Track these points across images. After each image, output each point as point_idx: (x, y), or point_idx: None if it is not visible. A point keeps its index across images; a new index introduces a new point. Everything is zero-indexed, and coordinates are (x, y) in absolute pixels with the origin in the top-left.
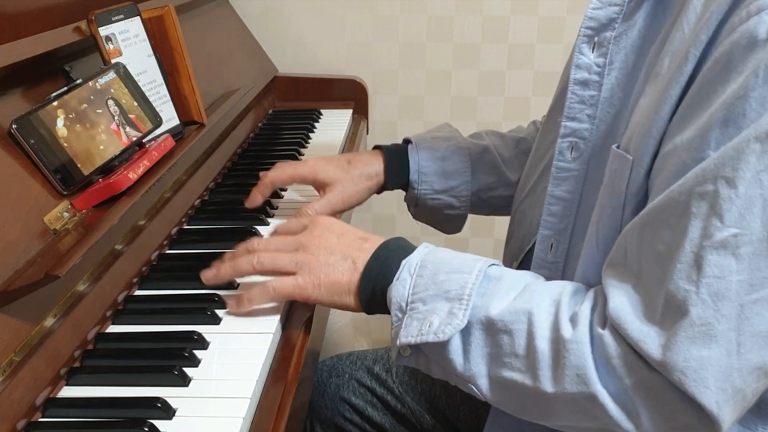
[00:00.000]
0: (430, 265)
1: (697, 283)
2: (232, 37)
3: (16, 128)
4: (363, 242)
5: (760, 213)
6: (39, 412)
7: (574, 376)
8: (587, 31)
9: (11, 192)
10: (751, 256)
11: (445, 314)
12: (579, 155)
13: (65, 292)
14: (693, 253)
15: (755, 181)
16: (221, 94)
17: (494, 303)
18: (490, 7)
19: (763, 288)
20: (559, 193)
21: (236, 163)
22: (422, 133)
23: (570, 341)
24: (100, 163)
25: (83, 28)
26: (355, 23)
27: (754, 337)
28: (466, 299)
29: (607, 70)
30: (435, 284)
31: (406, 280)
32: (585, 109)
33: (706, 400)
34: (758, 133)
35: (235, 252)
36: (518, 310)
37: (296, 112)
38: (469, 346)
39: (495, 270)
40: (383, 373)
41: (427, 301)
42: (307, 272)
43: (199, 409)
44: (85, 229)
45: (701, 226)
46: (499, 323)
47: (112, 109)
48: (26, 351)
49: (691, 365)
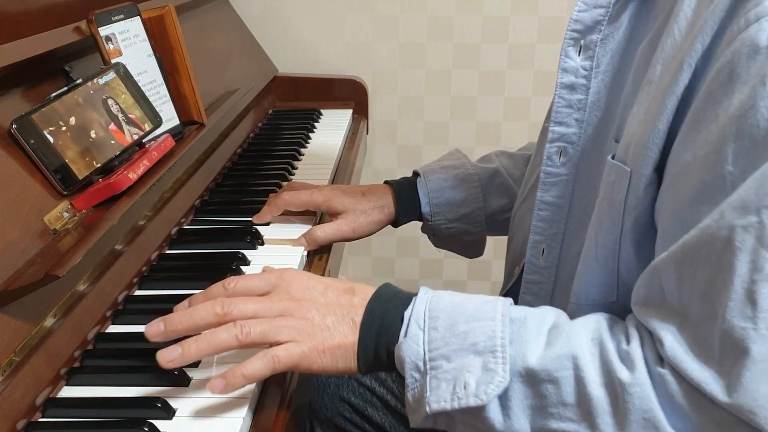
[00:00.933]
0: (441, 314)
1: (753, 320)
2: (232, 37)
3: (16, 128)
4: (351, 296)
5: None
6: (39, 412)
7: (641, 420)
8: (573, 34)
9: (11, 192)
10: None
11: (480, 371)
12: (567, 160)
13: (65, 292)
14: (744, 288)
15: None
16: (221, 94)
17: (529, 350)
18: (490, 7)
19: None
20: (548, 198)
21: (236, 163)
22: (431, 163)
23: (630, 384)
24: (100, 163)
25: (83, 28)
26: (355, 23)
27: None
28: (500, 350)
29: (594, 73)
30: (456, 337)
31: (417, 336)
32: (573, 113)
33: None
34: None
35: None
36: (560, 356)
37: (296, 112)
38: (508, 402)
39: (516, 311)
40: (383, 372)
41: (452, 357)
42: (307, 338)
43: (199, 409)
44: (85, 229)
45: (749, 260)
46: (541, 373)
47: (113, 109)
48: (26, 351)
49: (761, 404)
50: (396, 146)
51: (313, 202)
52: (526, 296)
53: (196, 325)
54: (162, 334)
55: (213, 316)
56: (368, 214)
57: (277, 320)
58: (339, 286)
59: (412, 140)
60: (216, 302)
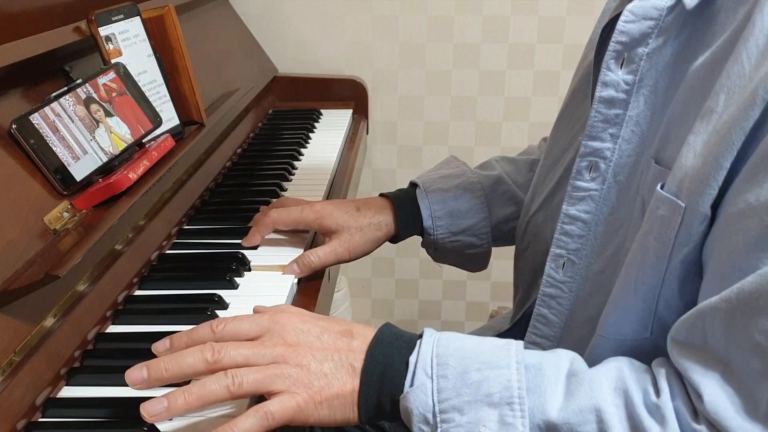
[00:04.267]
0: (451, 361)
1: None
2: (232, 37)
3: (16, 128)
4: (349, 340)
5: None
6: (39, 412)
7: None
8: (617, 47)
9: (11, 192)
10: None
11: (497, 425)
12: (598, 175)
13: (65, 292)
14: None
15: None
16: (221, 94)
17: (548, 402)
18: (490, 7)
19: None
20: (574, 212)
21: (236, 163)
22: (428, 172)
23: None
24: (100, 163)
25: (83, 28)
26: (355, 23)
27: None
28: (518, 402)
29: (636, 88)
30: (468, 386)
31: (425, 385)
32: (608, 128)
33: None
34: None
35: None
36: (583, 409)
37: (296, 112)
38: None
39: (531, 357)
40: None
41: (465, 409)
42: (302, 389)
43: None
44: (85, 229)
45: None
46: (563, 427)
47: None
48: (26, 351)
49: None
50: (396, 146)
51: (303, 220)
52: (541, 309)
53: (184, 373)
54: (145, 382)
55: (202, 363)
56: (364, 232)
57: (271, 368)
58: (336, 328)
59: (412, 140)
60: (205, 348)
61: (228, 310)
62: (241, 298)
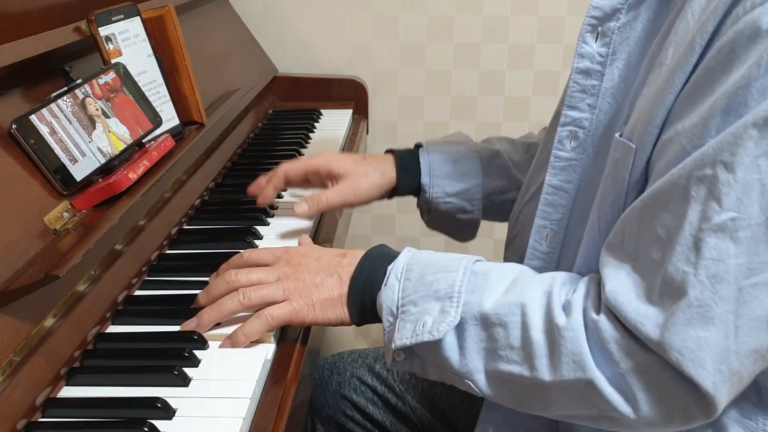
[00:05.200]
0: (416, 267)
1: (695, 265)
2: (232, 37)
3: (16, 128)
4: (342, 258)
5: (758, 198)
6: (39, 412)
7: (571, 362)
8: (591, 21)
9: (11, 192)
10: (750, 241)
11: (438, 313)
12: (578, 145)
13: (65, 292)
14: (692, 235)
15: (753, 167)
16: (221, 94)
17: (486, 298)
18: (490, 7)
19: (761, 273)
20: (556, 182)
21: (236, 163)
22: (434, 138)
23: (565, 329)
24: (100, 163)
25: (83, 28)
26: (355, 23)
27: (751, 320)
28: (456, 296)
29: (609, 60)
30: (424, 285)
31: (394, 285)
32: (586, 98)
33: (703, 381)
34: (756, 119)
35: (211, 291)
36: (511, 303)
37: (296, 112)
38: (464, 342)
39: (481, 266)
40: (384, 371)
41: (418, 302)
42: (298, 296)
43: (199, 409)
44: (85, 229)
45: (700, 209)
46: (493, 317)
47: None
48: (26, 351)
49: (688, 345)
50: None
51: (312, 165)
52: None
53: (213, 297)
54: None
55: (224, 285)
56: (369, 177)
57: (273, 284)
58: (333, 252)
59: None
60: (227, 274)
61: None
62: None
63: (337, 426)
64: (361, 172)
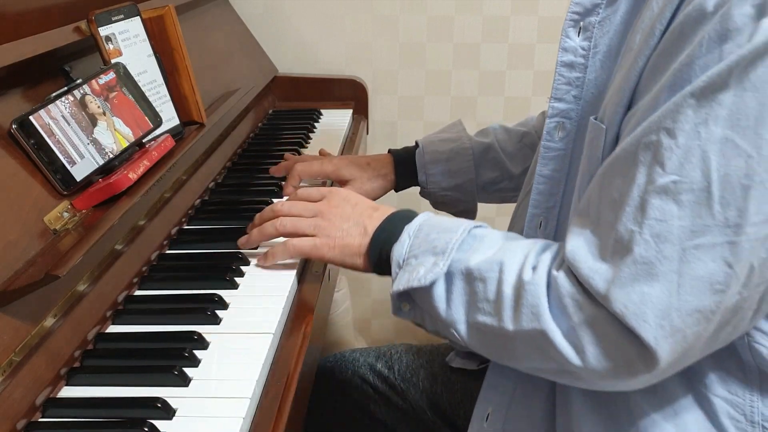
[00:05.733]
0: (425, 227)
1: (641, 225)
2: (232, 37)
3: (16, 128)
4: (374, 211)
5: (699, 163)
6: (39, 412)
7: (530, 313)
8: (573, 16)
9: (11, 192)
10: (692, 204)
11: (430, 265)
12: (565, 135)
13: (65, 292)
14: (639, 197)
15: (693, 133)
16: (221, 94)
17: (474, 256)
18: (490, 7)
19: (704, 235)
20: (546, 172)
21: (236, 163)
22: (433, 133)
23: (528, 283)
24: (100, 163)
25: (83, 28)
26: (355, 23)
27: (693, 280)
28: (449, 252)
29: (591, 53)
30: (426, 242)
31: (404, 242)
32: (571, 90)
33: (645, 334)
34: (694, 89)
35: (262, 215)
36: (493, 261)
37: (296, 112)
38: (450, 294)
39: (479, 230)
40: (386, 369)
41: (419, 256)
42: (324, 235)
43: (199, 409)
44: (85, 229)
45: (646, 172)
46: (475, 272)
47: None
48: (26, 351)
49: (633, 299)
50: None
51: (323, 171)
52: None
53: (262, 219)
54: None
55: (270, 212)
56: (372, 181)
57: (307, 219)
58: (369, 203)
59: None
60: (276, 203)
61: (228, 310)
62: (242, 298)
63: (338, 423)
64: (366, 176)
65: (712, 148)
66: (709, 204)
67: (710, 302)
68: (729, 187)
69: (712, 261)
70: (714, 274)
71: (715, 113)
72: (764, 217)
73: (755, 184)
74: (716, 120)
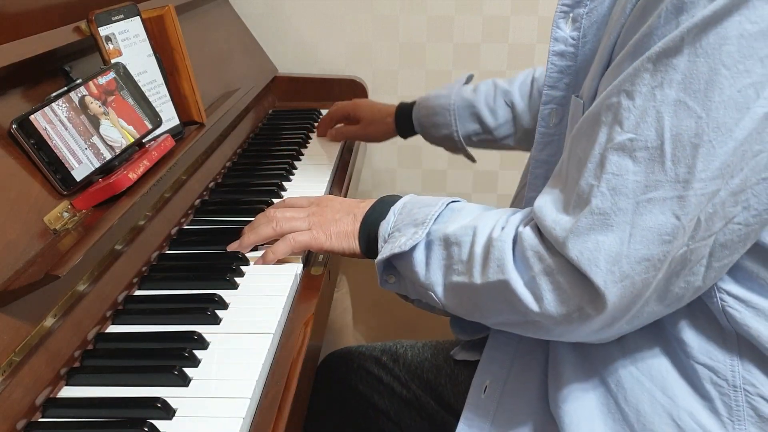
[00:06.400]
0: (409, 205)
1: (599, 179)
2: (232, 37)
3: (16, 128)
4: (359, 203)
5: (653, 123)
6: (39, 412)
7: (495, 266)
8: (563, 8)
9: (11, 192)
10: (647, 161)
11: (411, 234)
12: (559, 121)
13: (65, 292)
14: (599, 154)
15: (650, 95)
16: (221, 94)
17: (451, 224)
18: (490, 7)
19: (656, 190)
20: (542, 156)
21: (236, 163)
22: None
23: (497, 239)
24: (100, 163)
25: (83, 28)
26: (355, 23)
27: (643, 230)
28: (428, 222)
29: (581, 43)
30: (408, 216)
31: (390, 219)
32: (563, 78)
33: (596, 278)
34: (651, 54)
35: (254, 222)
36: (468, 227)
37: (296, 112)
38: (429, 260)
39: (457, 204)
40: (390, 362)
41: (402, 229)
42: (319, 227)
43: (199, 409)
44: (85, 229)
45: (606, 131)
46: (452, 237)
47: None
48: (26, 351)
49: (588, 246)
50: (396, 146)
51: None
52: None
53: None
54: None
55: (263, 218)
56: (376, 125)
57: (301, 219)
58: (354, 200)
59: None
60: (268, 210)
61: (228, 310)
62: (242, 298)
63: (342, 415)
64: (373, 120)
65: (666, 109)
66: (661, 161)
67: (658, 251)
68: (680, 146)
69: (662, 213)
70: (663, 226)
71: (669, 77)
72: (711, 174)
73: (704, 143)
74: (670, 83)
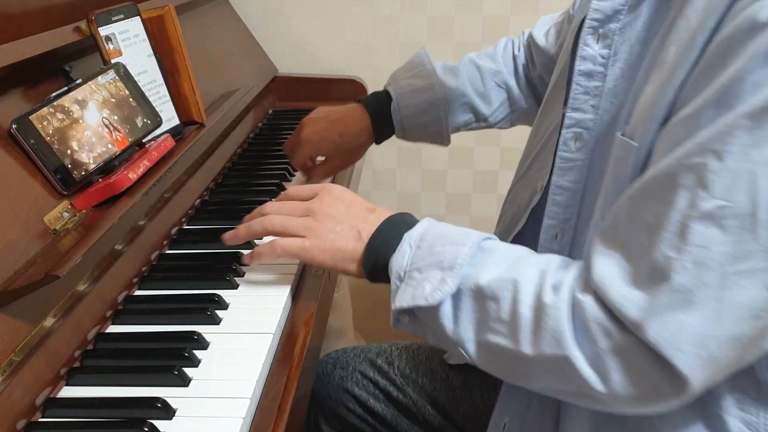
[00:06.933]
0: (428, 237)
1: (680, 251)
2: (232, 37)
3: (16, 128)
4: (369, 213)
5: (746, 187)
6: (39, 412)
7: (551, 338)
8: (592, 23)
9: (11, 192)
10: (737, 229)
11: (437, 281)
12: (583, 145)
13: (65, 292)
14: (679, 222)
15: (743, 156)
16: (221, 94)
17: (485, 272)
18: (490, 7)
19: (746, 261)
20: (564, 183)
21: (236, 163)
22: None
23: (550, 306)
24: (100, 163)
25: (83, 28)
26: (355, 23)
27: (733, 307)
28: (458, 268)
29: (611, 61)
30: (431, 255)
31: (405, 252)
32: (589, 99)
33: (679, 363)
34: (750, 109)
35: (251, 214)
36: (506, 279)
37: (296, 112)
38: (459, 312)
39: (489, 243)
40: (386, 365)
41: (423, 270)
42: (314, 237)
43: (199, 409)
44: (85, 229)
45: (688, 197)
46: (487, 290)
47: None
48: (26, 351)
49: (668, 328)
50: (396, 146)
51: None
52: None
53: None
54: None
55: (258, 212)
56: (350, 152)
57: (297, 219)
58: (365, 204)
59: None
60: (266, 204)
61: (228, 310)
62: (242, 298)
63: (338, 419)
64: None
65: (763, 170)
66: (753, 229)
67: (749, 328)
68: None
69: (753, 287)
70: (754, 300)
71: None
72: None
73: None
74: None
